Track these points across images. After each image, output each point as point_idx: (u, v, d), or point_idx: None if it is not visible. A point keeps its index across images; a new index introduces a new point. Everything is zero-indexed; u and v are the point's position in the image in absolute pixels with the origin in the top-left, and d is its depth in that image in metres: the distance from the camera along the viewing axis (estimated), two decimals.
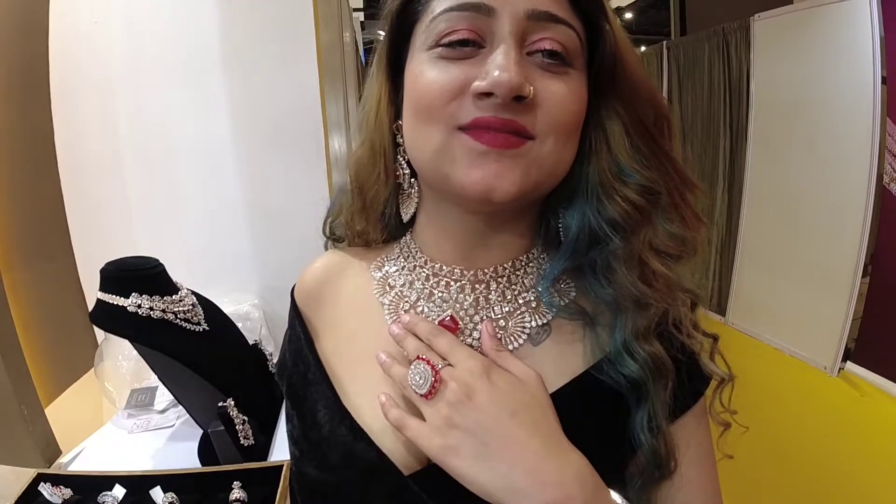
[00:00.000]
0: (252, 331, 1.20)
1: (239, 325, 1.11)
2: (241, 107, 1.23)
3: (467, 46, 0.38)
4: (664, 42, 4.06)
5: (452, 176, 0.39)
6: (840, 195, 2.36)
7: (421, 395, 0.39)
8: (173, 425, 1.04)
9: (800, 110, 2.75)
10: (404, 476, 0.41)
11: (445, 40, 0.38)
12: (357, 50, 4.19)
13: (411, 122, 0.41)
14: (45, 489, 0.75)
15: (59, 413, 1.05)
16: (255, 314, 1.27)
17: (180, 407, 1.03)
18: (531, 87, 0.36)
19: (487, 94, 0.36)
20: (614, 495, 0.38)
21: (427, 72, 0.39)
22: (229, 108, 1.23)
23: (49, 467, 0.90)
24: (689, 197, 0.45)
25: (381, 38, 0.46)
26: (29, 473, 0.80)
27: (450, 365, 0.40)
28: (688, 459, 0.43)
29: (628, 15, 10.13)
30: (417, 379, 0.40)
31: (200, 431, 0.95)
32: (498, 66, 0.35)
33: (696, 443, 0.45)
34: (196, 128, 1.24)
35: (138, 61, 1.21)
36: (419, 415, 0.40)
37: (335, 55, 1.82)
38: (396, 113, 0.45)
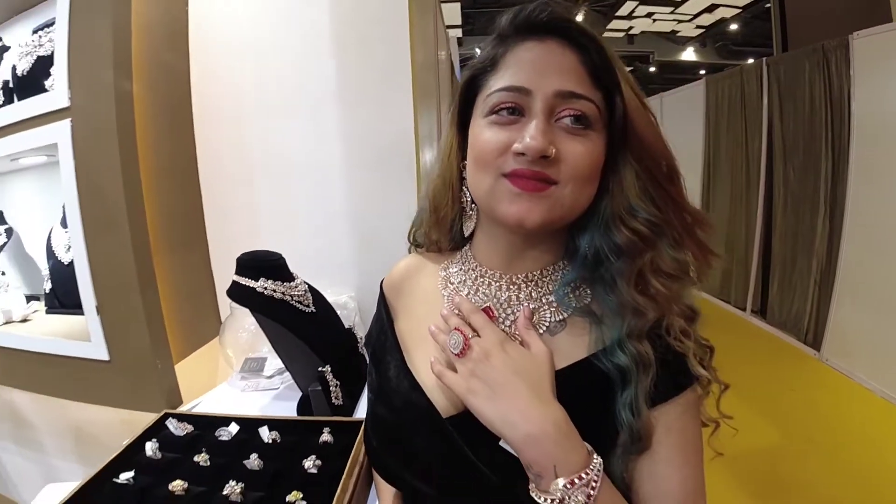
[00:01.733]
0: (347, 318, 1.41)
1: (338, 311, 1.32)
2: (347, 134, 1.46)
3: (513, 115, 0.52)
4: (764, 59, 3.93)
5: (497, 209, 0.54)
6: None
7: (455, 354, 0.55)
8: (278, 388, 1.26)
9: None
10: (443, 418, 0.56)
11: (497, 109, 0.53)
12: (451, 66, 4.42)
13: (472, 167, 0.56)
14: (172, 423, 0.96)
15: (184, 371, 1.29)
16: (350, 304, 1.49)
17: (285, 374, 1.25)
18: (554, 149, 0.50)
19: (522, 154, 0.50)
20: (588, 447, 0.50)
21: (484, 133, 0.54)
22: (337, 135, 1.46)
23: None
24: (697, 231, 0.56)
25: (460, 87, 0.60)
26: (157, 414, 1.03)
27: (478, 336, 0.55)
28: (669, 442, 0.53)
29: (733, 26, 9.63)
30: (453, 343, 0.55)
31: (299, 395, 1.15)
32: (529, 135, 0.50)
33: (678, 430, 0.53)
34: (309, 151, 1.49)
35: (264, 96, 1.49)
36: (454, 371, 0.55)
37: (430, 73, 2.03)
38: (463, 156, 0.60)
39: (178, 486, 0.77)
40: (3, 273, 1.71)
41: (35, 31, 1.40)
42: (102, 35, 1.13)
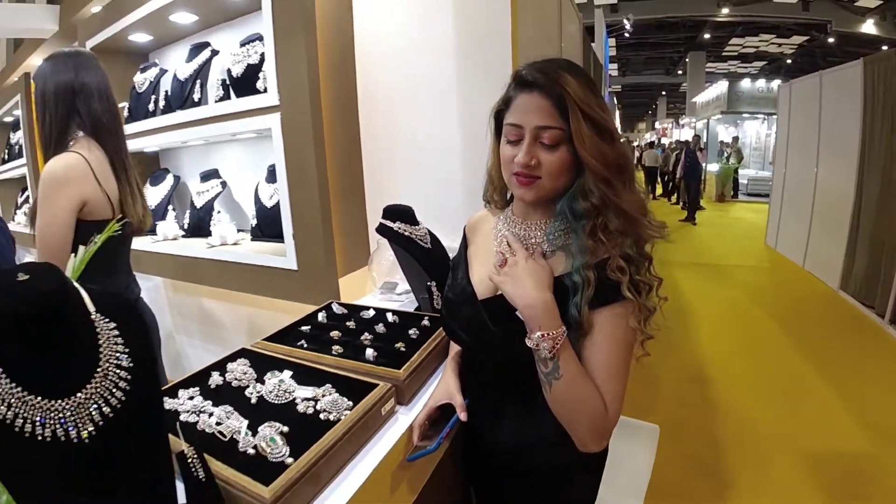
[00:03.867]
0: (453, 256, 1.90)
1: (448, 250, 1.78)
2: (463, 117, 1.90)
3: (516, 139, 0.90)
4: None
5: (512, 190, 0.97)
6: None
7: (497, 265, 0.95)
8: (403, 301, 1.79)
9: None
10: (478, 299, 0.99)
11: (508, 134, 0.92)
12: (584, 35, 4.53)
13: (501, 166, 0.96)
14: (334, 305, 1.51)
15: (344, 284, 1.84)
16: (457, 248, 1.97)
17: (409, 294, 1.77)
18: (535, 160, 0.87)
19: (517, 163, 0.90)
20: (561, 323, 0.85)
21: (504, 148, 0.93)
22: (455, 118, 1.91)
23: None
24: (628, 212, 0.87)
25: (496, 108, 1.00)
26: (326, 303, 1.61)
27: (512, 254, 0.95)
28: (601, 335, 0.86)
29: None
30: (497, 259, 0.96)
31: (415, 306, 1.66)
32: (521, 154, 0.88)
33: (608, 329, 0.86)
34: (435, 131, 1.97)
35: (406, 91, 2.00)
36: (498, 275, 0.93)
37: (546, 49, 2.37)
38: None
39: (335, 334, 1.31)
40: (219, 212, 2.47)
41: (243, 45, 2.00)
42: (298, 54, 1.66)
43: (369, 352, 1.18)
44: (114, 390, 0.68)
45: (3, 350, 0.62)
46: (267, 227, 2.19)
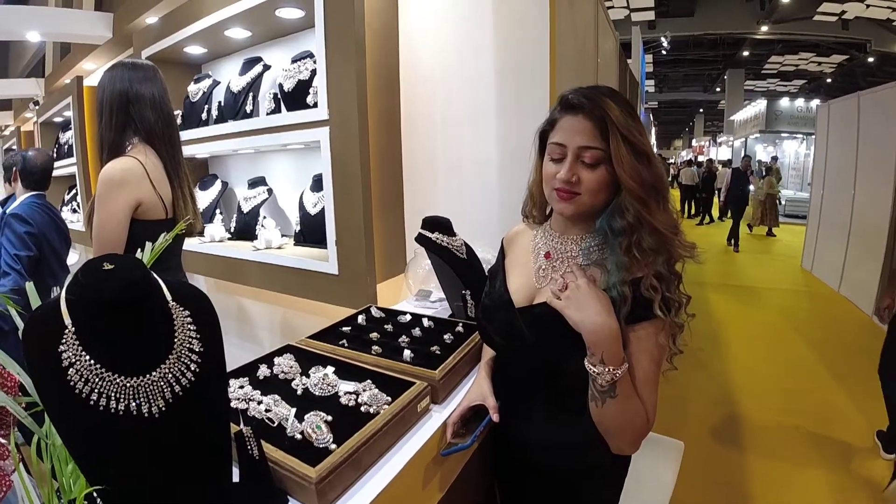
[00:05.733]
0: (487, 268, 1.97)
1: (483, 262, 1.86)
2: (500, 135, 1.96)
3: (559, 157, 0.97)
4: None
5: (552, 205, 1.04)
6: None
7: (558, 290, 0.94)
8: (437, 309, 1.86)
9: None
10: (514, 307, 1.07)
11: (552, 152, 0.99)
12: (620, 52, 4.55)
13: (543, 182, 1.03)
14: (373, 309, 1.60)
15: (381, 290, 1.95)
16: (492, 260, 2.03)
17: (444, 302, 1.85)
18: (577, 177, 0.94)
19: (559, 179, 0.96)
20: (623, 355, 0.88)
21: (547, 164, 1.00)
22: (494, 136, 1.98)
23: None
24: (662, 231, 0.91)
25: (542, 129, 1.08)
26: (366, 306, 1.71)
27: (575, 280, 0.95)
28: (638, 349, 0.91)
29: None
30: (559, 284, 0.96)
31: (449, 314, 1.74)
32: (563, 171, 0.94)
33: (643, 345, 0.91)
34: (473, 149, 2.04)
35: (445, 110, 2.09)
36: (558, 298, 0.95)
37: (581, 68, 2.43)
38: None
39: (374, 335, 1.40)
40: (265, 217, 2.59)
41: (294, 61, 2.13)
42: (348, 73, 1.78)
43: (407, 353, 1.26)
44: (185, 371, 0.74)
45: (89, 331, 0.67)
46: (310, 233, 2.30)
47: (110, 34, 4.26)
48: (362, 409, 1.03)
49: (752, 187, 9.68)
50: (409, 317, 1.54)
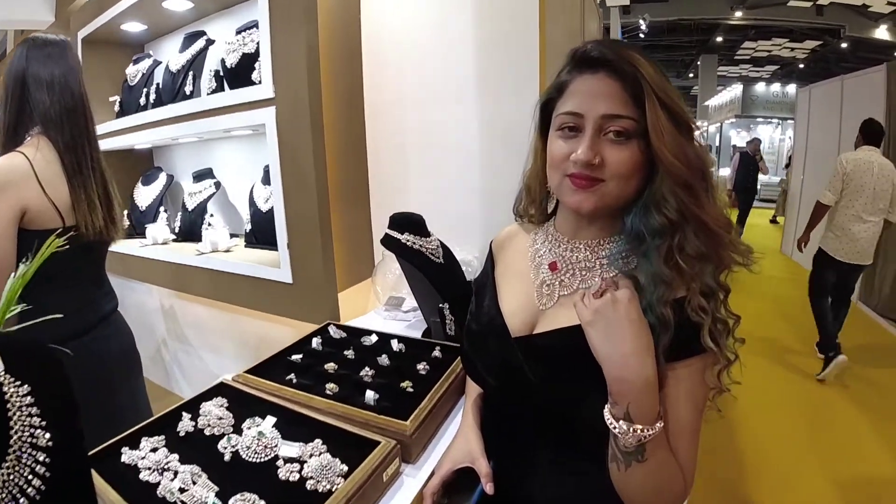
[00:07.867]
0: (469, 273, 1.69)
1: (462, 267, 1.59)
2: (482, 119, 1.69)
3: (572, 131, 0.71)
4: None
5: (563, 198, 0.75)
6: None
7: (592, 293, 0.68)
8: (410, 321, 1.59)
9: None
10: (510, 335, 0.80)
11: (562, 127, 0.73)
12: (603, 36, 4.37)
13: (549, 167, 0.77)
14: (332, 328, 1.33)
15: (344, 299, 1.66)
16: (474, 263, 1.75)
17: (417, 311, 1.58)
18: (599, 157, 0.68)
19: (575, 162, 0.70)
20: (659, 411, 0.64)
21: (554, 143, 0.74)
22: (474, 120, 1.70)
23: None
24: (713, 229, 0.67)
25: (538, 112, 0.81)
26: (323, 323, 1.42)
27: (615, 290, 0.68)
28: (679, 391, 0.67)
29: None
30: (595, 286, 0.71)
31: (425, 327, 1.47)
32: (580, 149, 0.69)
33: (687, 388, 0.68)
34: (451, 134, 1.76)
35: (418, 89, 1.79)
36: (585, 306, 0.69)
37: (568, 48, 2.17)
38: (545, 154, 0.80)
39: (330, 367, 1.12)
40: (212, 215, 2.28)
41: (238, 32, 1.82)
42: (297, 44, 1.49)
43: (370, 394, 0.98)
44: (31, 478, 0.54)
45: None
46: (262, 232, 2.02)
47: (53, 18, 3.87)
48: (308, 485, 0.76)
49: (762, 176, 8.33)
50: (374, 337, 1.27)
